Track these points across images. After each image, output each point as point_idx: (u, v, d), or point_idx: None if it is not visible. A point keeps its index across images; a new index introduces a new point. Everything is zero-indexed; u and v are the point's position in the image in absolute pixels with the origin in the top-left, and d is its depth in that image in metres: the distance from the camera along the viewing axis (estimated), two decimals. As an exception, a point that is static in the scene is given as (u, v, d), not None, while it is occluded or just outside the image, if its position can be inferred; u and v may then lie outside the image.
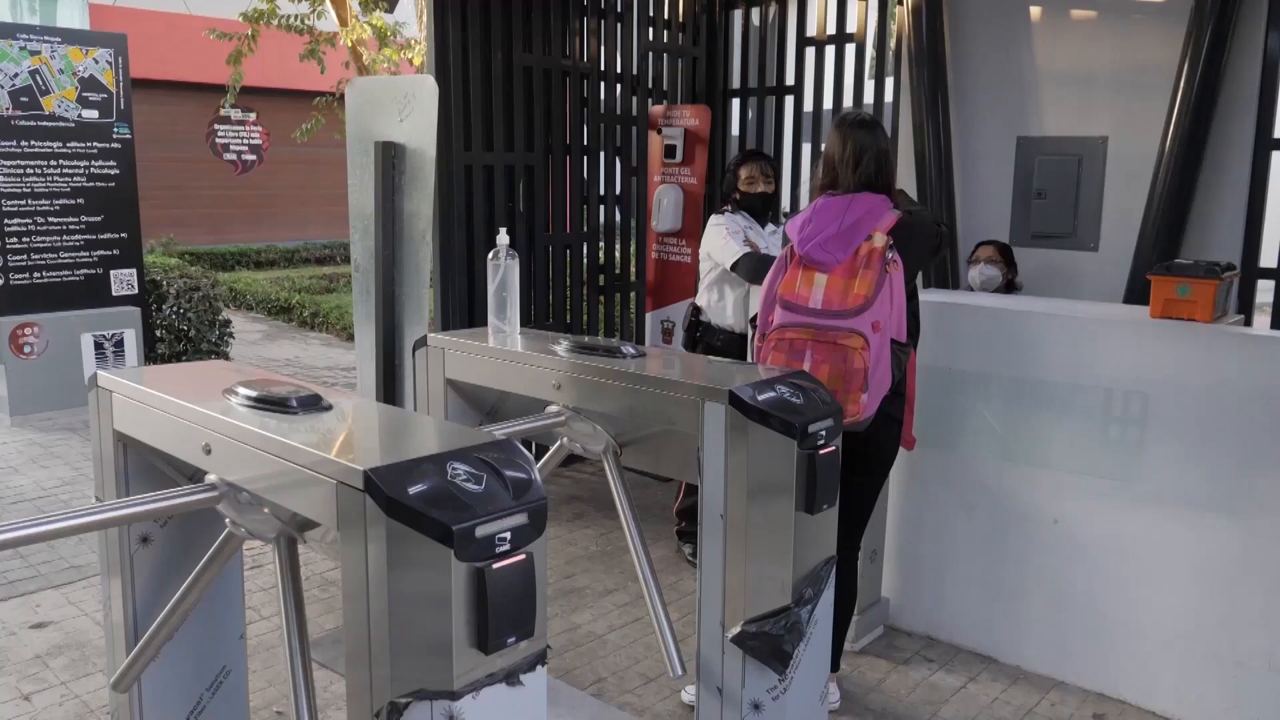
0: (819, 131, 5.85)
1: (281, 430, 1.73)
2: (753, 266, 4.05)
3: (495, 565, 1.48)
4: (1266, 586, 2.95)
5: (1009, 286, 4.54)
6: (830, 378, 2.76)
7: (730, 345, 4.23)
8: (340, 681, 2.94)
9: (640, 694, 3.28)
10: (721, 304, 4.42)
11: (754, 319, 3.13)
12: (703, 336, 4.47)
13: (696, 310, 4.60)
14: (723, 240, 4.18)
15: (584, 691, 3.28)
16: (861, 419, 2.82)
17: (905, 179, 5.30)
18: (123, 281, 7.13)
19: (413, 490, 1.47)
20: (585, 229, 5.75)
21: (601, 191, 5.86)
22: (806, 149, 6.01)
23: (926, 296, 3.62)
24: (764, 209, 4.43)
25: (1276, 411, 2.89)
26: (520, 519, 1.52)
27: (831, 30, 5.79)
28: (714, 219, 4.38)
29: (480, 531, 1.46)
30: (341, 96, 3.24)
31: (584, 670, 3.43)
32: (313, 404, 1.87)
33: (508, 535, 1.49)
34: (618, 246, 6.15)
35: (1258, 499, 2.93)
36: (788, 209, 6.18)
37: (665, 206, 5.81)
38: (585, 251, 5.77)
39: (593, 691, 3.29)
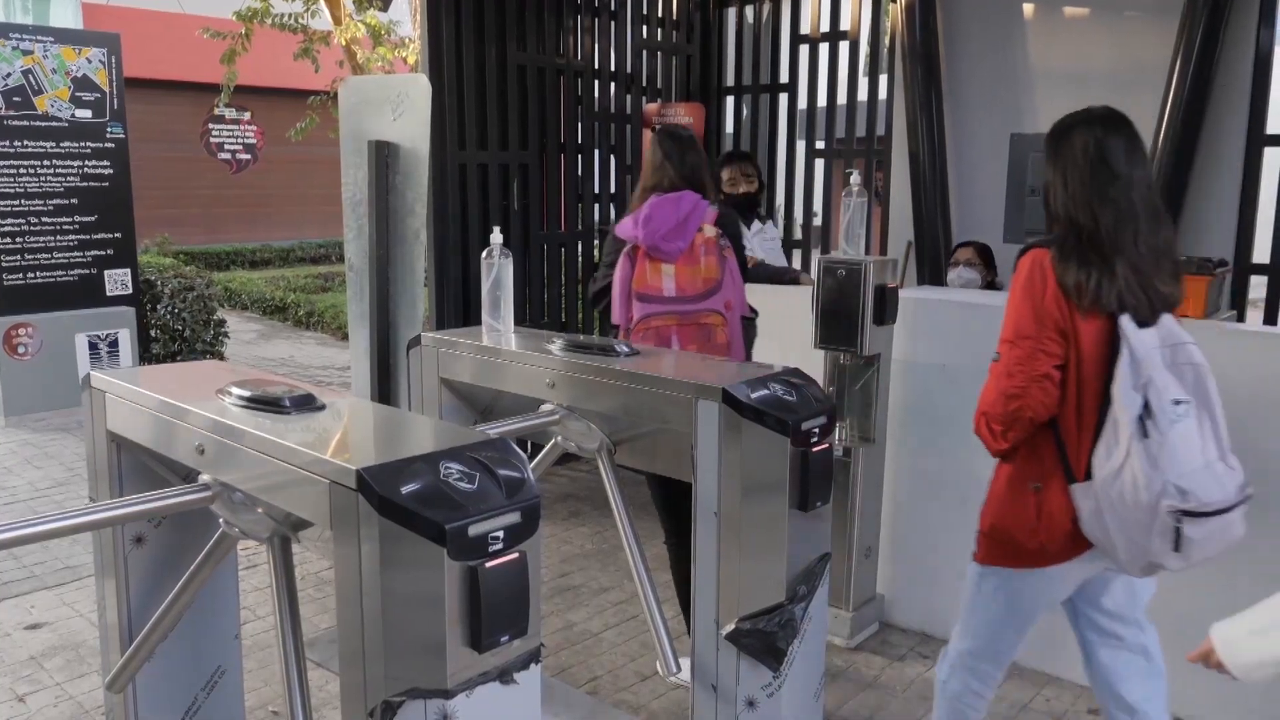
0: (814, 129, 5.86)
1: (275, 430, 1.73)
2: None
3: (488, 564, 1.48)
4: (1260, 581, 2.95)
5: (989, 288, 4.55)
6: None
7: None
8: (335, 681, 2.94)
9: (636, 692, 3.28)
10: None
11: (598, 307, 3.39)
12: None
13: None
14: None
15: (579, 690, 3.28)
16: None
17: (899, 176, 5.31)
18: (117, 281, 7.12)
19: (405, 489, 1.47)
20: (580, 227, 5.75)
21: (596, 190, 5.86)
22: (801, 146, 6.02)
23: (918, 294, 3.63)
24: (748, 208, 4.49)
25: (1269, 407, 2.90)
26: (513, 518, 1.52)
27: (825, 28, 5.80)
28: None
29: (473, 530, 1.46)
30: (336, 95, 3.24)
31: (579, 668, 3.43)
32: (306, 404, 1.87)
33: (501, 534, 1.50)
34: (612, 245, 6.15)
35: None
36: (780, 206, 6.19)
37: (660, 204, 5.80)
38: (580, 250, 5.77)
39: (588, 689, 3.29)
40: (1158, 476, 2.05)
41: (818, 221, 6.04)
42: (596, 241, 5.96)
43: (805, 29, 5.88)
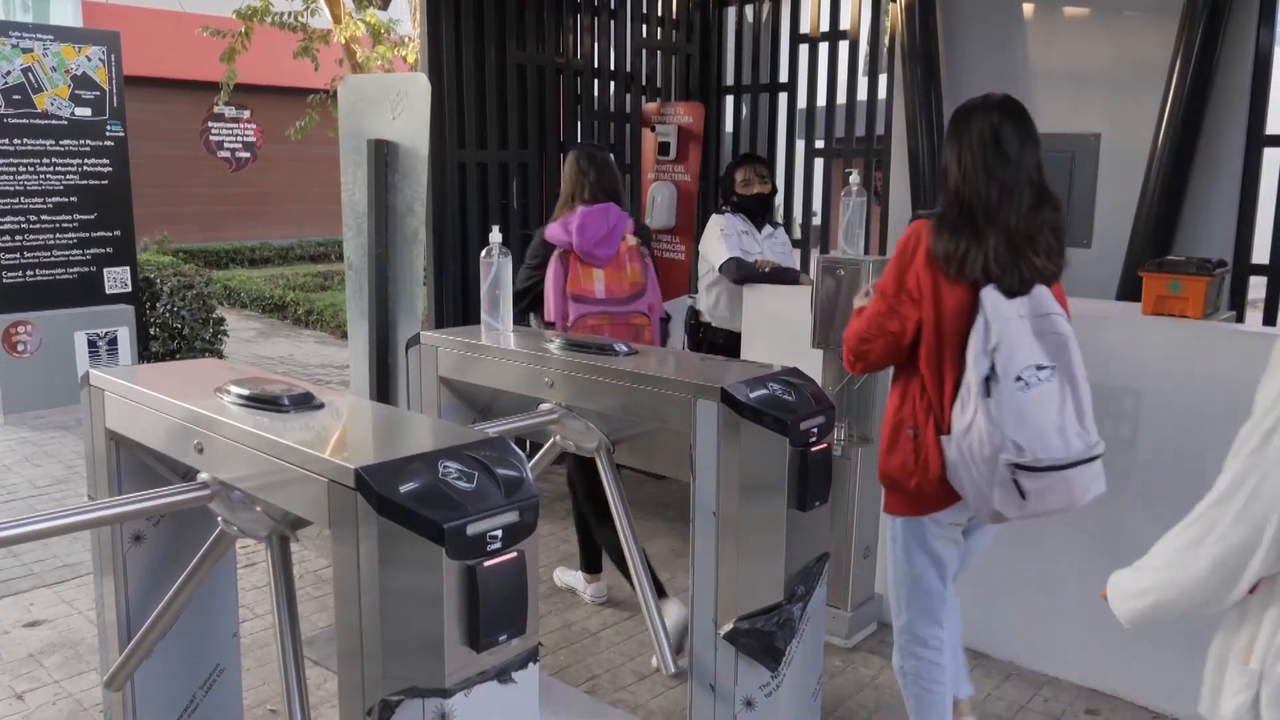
0: (813, 129, 5.86)
1: (273, 429, 1.73)
2: (735, 269, 4.27)
3: (486, 563, 1.48)
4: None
5: None
6: None
7: (732, 344, 4.32)
8: (334, 679, 2.94)
9: (634, 691, 3.29)
10: (721, 305, 4.47)
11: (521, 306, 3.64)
12: (705, 337, 4.59)
13: (696, 313, 4.70)
14: (715, 241, 4.35)
15: (577, 689, 3.28)
16: None
17: (899, 176, 5.31)
18: (116, 280, 7.12)
19: (404, 488, 1.47)
20: (579, 226, 5.75)
21: (595, 189, 5.85)
22: (800, 146, 6.01)
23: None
24: (761, 210, 4.51)
25: (1267, 408, 2.89)
26: (511, 517, 1.52)
27: (825, 27, 5.79)
28: (713, 219, 4.49)
29: (471, 530, 1.47)
30: (335, 94, 3.24)
31: (578, 667, 3.43)
32: (305, 402, 1.88)
33: (499, 533, 1.50)
34: (612, 244, 6.14)
35: (1249, 495, 2.94)
36: (780, 205, 6.18)
37: (659, 204, 5.81)
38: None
39: (586, 689, 3.29)
40: (997, 433, 2.26)
41: (817, 221, 6.04)
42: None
43: (805, 28, 5.88)
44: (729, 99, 6.43)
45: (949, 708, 2.64)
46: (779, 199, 6.21)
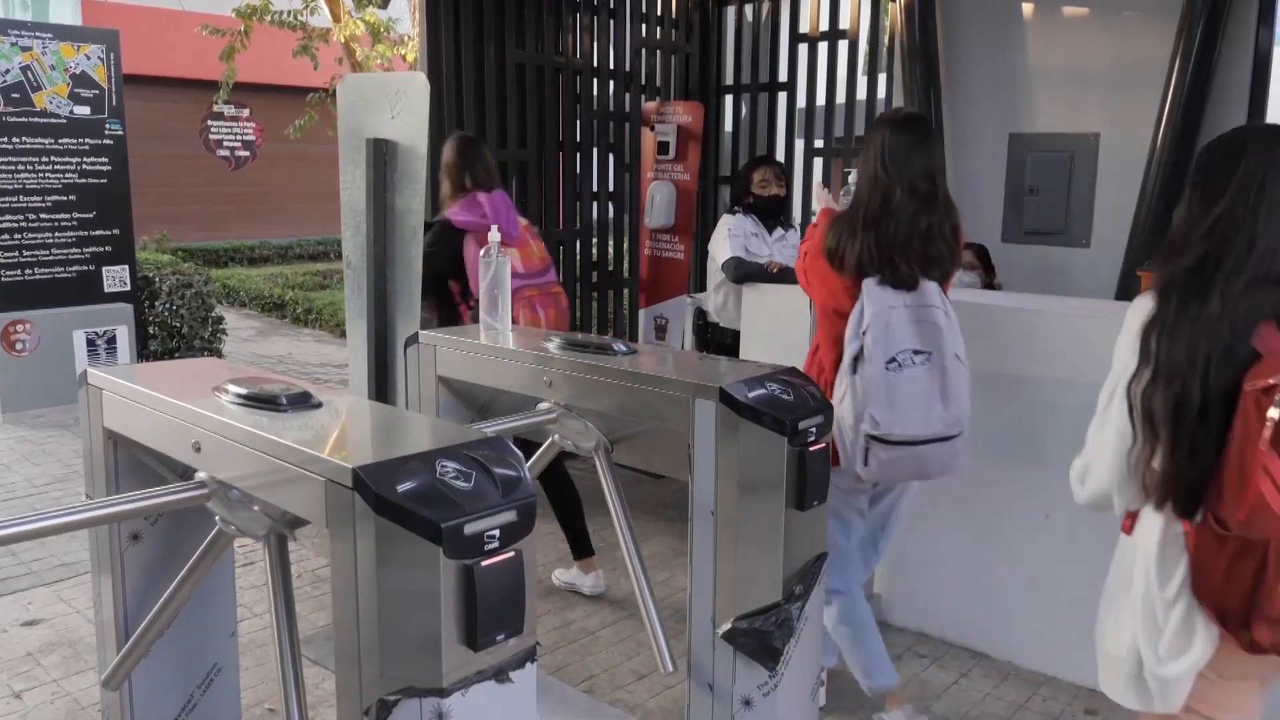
0: (812, 128, 5.86)
1: (271, 428, 1.73)
2: (735, 268, 4.31)
3: (484, 563, 1.48)
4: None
5: (988, 289, 4.55)
6: (555, 319, 3.79)
7: (740, 343, 4.33)
8: (332, 678, 2.94)
9: (632, 690, 3.29)
10: (730, 305, 4.48)
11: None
12: (713, 337, 4.61)
13: (703, 313, 4.72)
14: (721, 241, 4.43)
15: (576, 688, 3.28)
16: None
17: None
18: (115, 278, 7.11)
19: (401, 488, 1.47)
20: (578, 225, 5.75)
21: (595, 188, 5.86)
22: (800, 145, 6.01)
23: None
24: (774, 212, 4.53)
25: (1266, 408, 2.90)
26: (509, 516, 1.52)
27: (825, 27, 5.79)
28: (723, 219, 4.52)
29: (469, 529, 1.47)
30: (335, 93, 3.25)
31: (576, 667, 3.43)
32: (302, 401, 1.87)
33: (496, 533, 1.50)
34: (611, 243, 6.15)
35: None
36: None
37: (658, 203, 5.81)
38: (578, 248, 5.77)
39: (585, 688, 3.29)
40: (858, 406, 2.61)
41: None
42: (595, 240, 5.96)
43: (804, 28, 5.88)
44: (728, 98, 6.43)
45: (877, 634, 3.01)
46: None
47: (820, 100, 5.81)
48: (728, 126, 6.55)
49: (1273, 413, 1.52)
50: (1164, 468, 1.70)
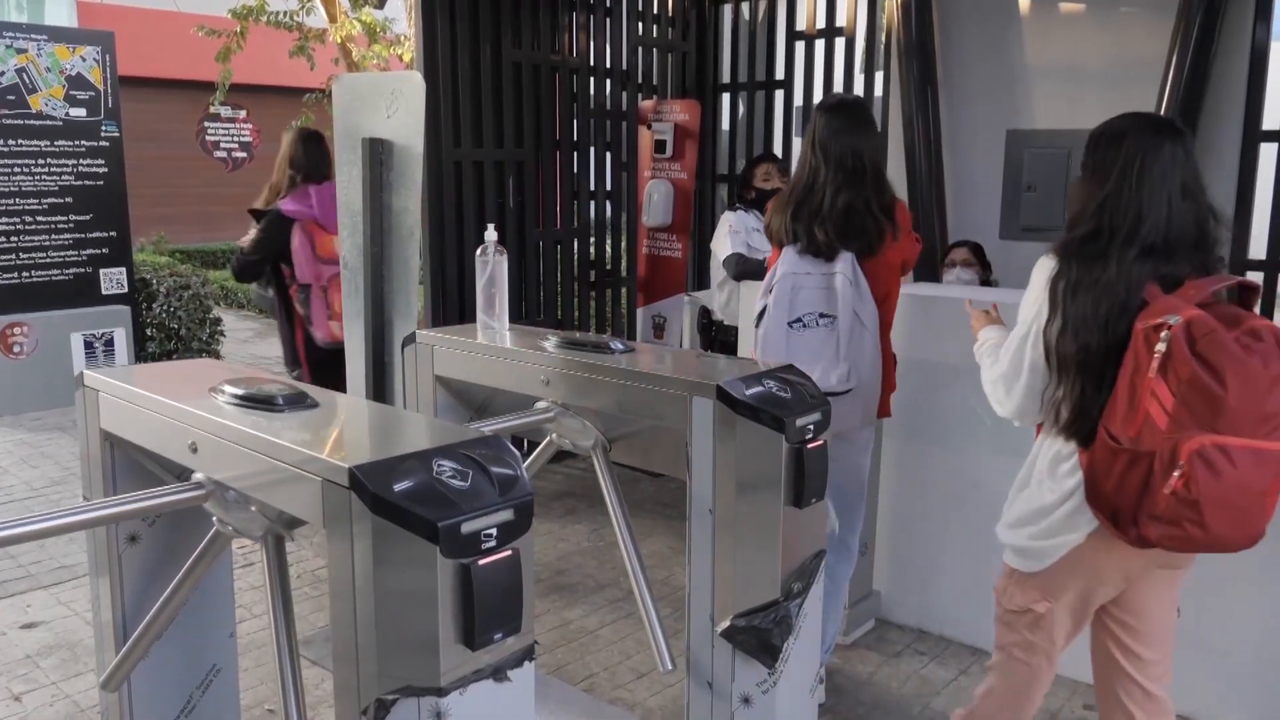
0: (809, 126, 5.86)
1: (267, 428, 1.72)
2: (735, 265, 4.35)
3: (481, 561, 1.47)
4: (1253, 577, 2.96)
5: (985, 285, 4.55)
6: None
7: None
8: (331, 679, 2.93)
9: (632, 689, 3.28)
10: (734, 303, 4.49)
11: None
12: (717, 335, 4.61)
13: (707, 311, 4.72)
14: (723, 238, 4.47)
15: (575, 687, 3.28)
16: None
17: (895, 172, 5.31)
18: (112, 280, 7.11)
19: (398, 487, 1.47)
20: (575, 224, 5.75)
21: (592, 187, 5.85)
22: (797, 143, 6.01)
23: (914, 290, 3.63)
24: None
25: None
26: (506, 515, 1.51)
27: (821, 24, 5.79)
28: (725, 216, 4.54)
29: (466, 528, 1.46)
30: (331, 93, 3.26)
31: (575, 665, 3.43)
32: (299, 401, 1.87)
33: (494, 531, 1.49)
34: (608, 242, 6.15)
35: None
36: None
37: (656, 201, 5.81)
38: (576, 247, 5.76)
39: (584, 687, 3.29)
40: (759, 358, 2.85)
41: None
42: (592, 239, 5.96)
43: (801, 25, 5.87)
44: (725, 96, 6.43)
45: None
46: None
47: (817, 97, 5.81)
48: (725, 125, 6.55)
49: (1159, 346, 1.85)
50: (1074, 405, 2.04)
